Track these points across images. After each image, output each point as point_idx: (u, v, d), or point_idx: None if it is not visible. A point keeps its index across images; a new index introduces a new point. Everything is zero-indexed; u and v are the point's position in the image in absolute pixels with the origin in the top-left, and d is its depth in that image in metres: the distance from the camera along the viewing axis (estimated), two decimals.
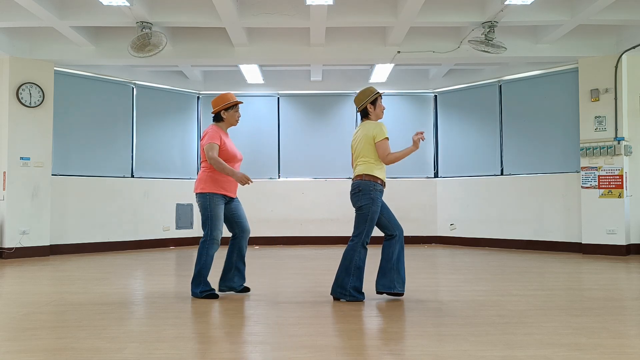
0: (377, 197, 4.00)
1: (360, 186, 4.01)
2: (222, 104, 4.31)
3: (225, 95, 4.36)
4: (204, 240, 4.14)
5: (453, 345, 2.84)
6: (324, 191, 9.00)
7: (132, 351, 2.77)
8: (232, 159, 4.20)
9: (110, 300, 4.15)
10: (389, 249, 4.10)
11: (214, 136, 4.14)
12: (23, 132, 7.09)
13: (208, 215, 4.12)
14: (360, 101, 4.19)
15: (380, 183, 4.03)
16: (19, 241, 6.98)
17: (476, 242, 8.44)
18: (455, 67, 8.46)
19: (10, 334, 3.13)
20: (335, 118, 9.26)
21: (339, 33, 7.29)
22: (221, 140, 4.16)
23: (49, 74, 7.31)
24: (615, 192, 7.00)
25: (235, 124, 4.39)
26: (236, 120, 4.37)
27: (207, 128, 4.27)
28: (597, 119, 7.17)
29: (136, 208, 8.27)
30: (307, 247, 8.62)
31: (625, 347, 2.80)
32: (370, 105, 4.17)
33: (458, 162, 8.86)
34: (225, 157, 4.15)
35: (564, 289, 4.55)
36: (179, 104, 9.01)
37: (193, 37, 7.37)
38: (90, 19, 6.27)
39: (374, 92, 4.18)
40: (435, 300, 4.10)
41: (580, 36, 7.09)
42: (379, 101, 4.19)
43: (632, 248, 7.09)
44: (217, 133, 4.18)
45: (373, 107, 4.18)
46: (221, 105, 4.30)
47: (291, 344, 2.91)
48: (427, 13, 6.29)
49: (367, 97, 4.17)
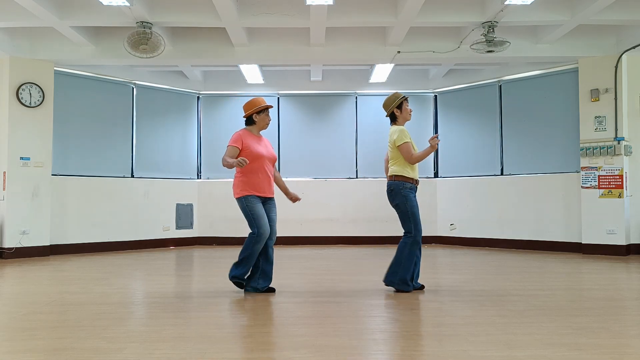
0: (409, 195, 4.41)
1: (392, 186, 4.44)
2: (253, 107, 4.45)
3: (256, 99, 4.51)
4: (251, 236, 4.32)
5: (453, 345, 2.84)
6: (324, 191, 9.00)
7: (132, 351, 2.77)
8: (257, 159, 4.34)
9: (110, 300, 4.15)
10: (402, 246, 4.41)
11: (237, 140, 4.35)
12: (23, 132, 7.09)
13: (249, 215, 4.31)
14: (387, 107, 4.53)
15: (411, 182, 4.43)
16: (19, 241, 6.98)
17: (476, 242, 8.44)
18: (455, 67, 8.46)
19: (10, 334, 3.13)
20: (335, 118, 9.26)
21: (339, 33, 7.29)
22: (244, 144, 4.34)
23: (49, 74, 7.31)
24: (615, 192, 7.00)
25: (266, 127, 4.54)
26: (267, 124, 4.53)
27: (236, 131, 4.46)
28: (597, 119, 7.17)
29: (136, 208, 8.27)
30: (307, 247, 8.62)
31: (625, 347, 2.80)
32: (397, 110, 4.49)
33: (458, 162, 8.86)
34: (250, 158, 4.29)
35: (564, 289, 4.55)
36: (179, 104, 9.01)
37: (193, 37, 7.37)
38: (90, 19, 6.27)
39: (399, 97, 4.50)
40: (435, 300, 4.10)
41: (580, 36, 7.09)
42: (405, 105, 4.51)
43: (632, 248, 7.09)
44: (240, 137, 4.37)
45: (399, 111, 4.50)
46: (253, 109, 4.45)
47: (291, 344, 2.91)
48: (427, 13, 6.29)
49: (393, 102, 4.50)
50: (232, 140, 4.37)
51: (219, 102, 9.29)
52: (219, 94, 9.27)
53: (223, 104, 9.27)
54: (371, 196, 8.77)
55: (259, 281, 4.42)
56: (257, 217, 4.28)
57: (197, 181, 9.12)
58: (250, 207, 4.29)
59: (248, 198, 4.30)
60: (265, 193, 4.40)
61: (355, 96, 9.25)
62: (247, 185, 4.32)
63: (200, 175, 9.20)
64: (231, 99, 9.24)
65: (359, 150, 9.16)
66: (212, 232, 8.98)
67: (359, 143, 9.16)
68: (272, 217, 4.46)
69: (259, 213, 4.30)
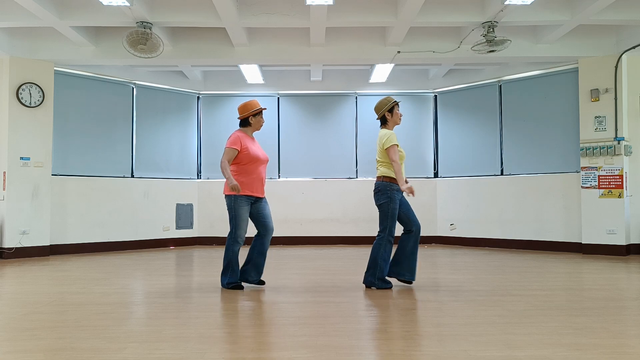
0: (394, 196, 4.53)
1: (379, 187, 4.59)
2: (249, 110, 4.59)
3: (252, 102, 4.65)
4: (229, 237, 4.48)
5: (453, 345, 2.84)
6: (324, 191, 9.00)
7: (132, 351, 2.77)
8: (254, 160, 4.49)
9: (110, 300, 4.15)
10: (404, 242, 4.60)
11: (235, 141, 4.45)
12: (23, 132, 7.09)
13: (232, 215, 4.44)
14: (379, 110, 4.69)
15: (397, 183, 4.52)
16: (19, 241, 6.99)
17: (476, 242, 8.44)
18: (455, 67, 8.46)
19: (10, 334, 3.13)
20: (335, 118, 9.27)
21: (339, 33, 7.29)
22: (242, 145, 4.45)
23: (49, 74, 7.32)
24: (615, 192, 7.00)
25: (260, 129, 4.70)
26: (261, 126, 4.70)
27: (233, 133, 4.58)
28: (597, 119, 7.17)
29: (136, 208, 8.28)
30: (307, 247, 8.62)
31: (625, 347, 2.80)
32: (388, 113, 4.67)
33: (458, 162, 8.86)
34: (248, 160, 4.46)
35: (564, 289, 4.55)
36: (179, 104, 9.01)
37: (193, 37, 7.37)
38: (90, 19, 6.27)
39: (390, 101, 4.67)
40: (435, 300, 4.10)
41: (580, 36, 7.09)
42: (396, 109, 4.68)
43: (632, 248, 7.09)
44: (239, 139, 4.48)
45: (390, 115, 4.67)
46: (250, 112, 4.59)
47: (291, 344, 2.91)
48: (427, 13, 6.29)
49: (384, 105, 4.67)
50: (230, 142, 4.45)
51: (219, 102, 9.29)
52: (219, 94, 9.28)
53: (223, 104, 9.27)
54: (371, 196, 8.71)
55: (251, 273, 4.58)
56: (240, 219, 4.43)
57: (197, 181, 9.12)
58: (236, 208, 4.42)
59: (237, 199, 4.41)
60: (258, 193, 4.54)
61: (355, 96, 9.25)
62: (241, 185, 4.41)
63: (200, 175, 9.20)
64: (231, 99, 9.24)
65: (358, 150, 9.16)
66: (212, 232, 8.98)
67: (359, 143, 9.16)
68: (266, 213, 4.61)
69: (243, 217, 4.45)
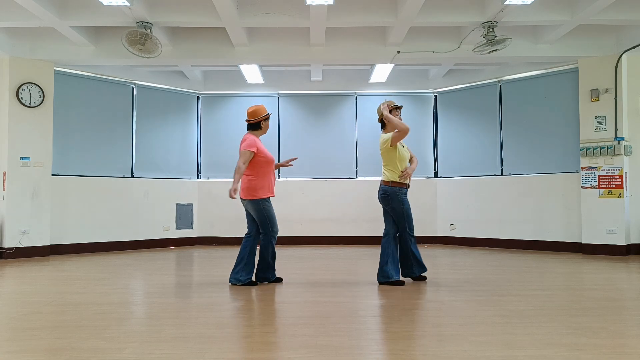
0: (403, 199, 4.80)
1: (388, 191, 4.78)
2: (261, 114, 4.82)
3: (261, 106, 4.88)
4: (267, 235, 4.76)
5: (453, 345, 2.84)
6: (324, 191, 9.00)
7: (132, 351, 2.77)
8: (270, 163, 4.78)
9: (110, 300, 4.15)
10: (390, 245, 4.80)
11: (252, 144, 4.66)
12: (23, 132, 7.09)
13: (266, 217, 4.73)
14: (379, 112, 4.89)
15: (404, 187, 4.79)
16: (19, 241, 6.99)
17: (476, 242, 8.44)
18: (455, 67, 8.46)
19: (10, 334, 3.13)
20: (335, 118, 9.26)
21: (339, 33, 7.29)
22: (259, 148, 4.68)
23: (49, 74, 7.31)
24: (615, 192, 7.00)
25: (266, 132, 4.96)
26: (267, 129, 4.95)
27: (245, 136, 4.79)
28: (597, 119, 7.17)
29: (136, 208, 8.27)
30: (307, 247, 8.62)
31: (625, 347, 2.80)
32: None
33: (458, 162, 8.86)
34: (265, 162, 4.72)
35: (564, 289, 4.55)
36: (179, 104, 9.01)
37: (193, 37, 7.37)
38: (90, 19, 6.27)
39: (392, 104, 4.86)
40: (435, 300, 4.10)
41: (580, 36, 7.09)
42: (395, 113, 4.85)
43: (632, 248, 7.09)
44: (255, 142, 4.69)
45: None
46: (262, 116, 4.82)
47: (291, 344, 2.91)
48: (427, 13, 6.29)
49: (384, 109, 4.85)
50: (247, 145, 4.65)
51: (219, 102, 9.29)
52: (219, 94, 9.27)
53: (223, 104, 9.27)
54: (371, 196, 8.71)
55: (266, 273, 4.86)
56: (273, 218, 4.77)
57: (197, 181, 9.12)
58: (267, 209, 4.72)
59: (265, 201, 4.71)
60: (274, 193, 4.84)
61: (355, 96, 9.25)
62: (263, 188, 4.70)
63: (200, 175, 9.20)
64: (231, 99, 9.24)
65: (358, 151, 9.16)
66: (212, 232, 8.98)
67: (359, 143, 9.16)
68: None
69: (274, 214, 4.79)
